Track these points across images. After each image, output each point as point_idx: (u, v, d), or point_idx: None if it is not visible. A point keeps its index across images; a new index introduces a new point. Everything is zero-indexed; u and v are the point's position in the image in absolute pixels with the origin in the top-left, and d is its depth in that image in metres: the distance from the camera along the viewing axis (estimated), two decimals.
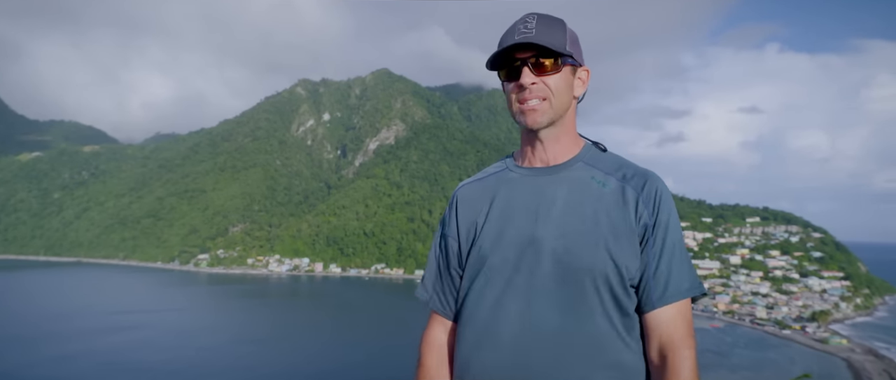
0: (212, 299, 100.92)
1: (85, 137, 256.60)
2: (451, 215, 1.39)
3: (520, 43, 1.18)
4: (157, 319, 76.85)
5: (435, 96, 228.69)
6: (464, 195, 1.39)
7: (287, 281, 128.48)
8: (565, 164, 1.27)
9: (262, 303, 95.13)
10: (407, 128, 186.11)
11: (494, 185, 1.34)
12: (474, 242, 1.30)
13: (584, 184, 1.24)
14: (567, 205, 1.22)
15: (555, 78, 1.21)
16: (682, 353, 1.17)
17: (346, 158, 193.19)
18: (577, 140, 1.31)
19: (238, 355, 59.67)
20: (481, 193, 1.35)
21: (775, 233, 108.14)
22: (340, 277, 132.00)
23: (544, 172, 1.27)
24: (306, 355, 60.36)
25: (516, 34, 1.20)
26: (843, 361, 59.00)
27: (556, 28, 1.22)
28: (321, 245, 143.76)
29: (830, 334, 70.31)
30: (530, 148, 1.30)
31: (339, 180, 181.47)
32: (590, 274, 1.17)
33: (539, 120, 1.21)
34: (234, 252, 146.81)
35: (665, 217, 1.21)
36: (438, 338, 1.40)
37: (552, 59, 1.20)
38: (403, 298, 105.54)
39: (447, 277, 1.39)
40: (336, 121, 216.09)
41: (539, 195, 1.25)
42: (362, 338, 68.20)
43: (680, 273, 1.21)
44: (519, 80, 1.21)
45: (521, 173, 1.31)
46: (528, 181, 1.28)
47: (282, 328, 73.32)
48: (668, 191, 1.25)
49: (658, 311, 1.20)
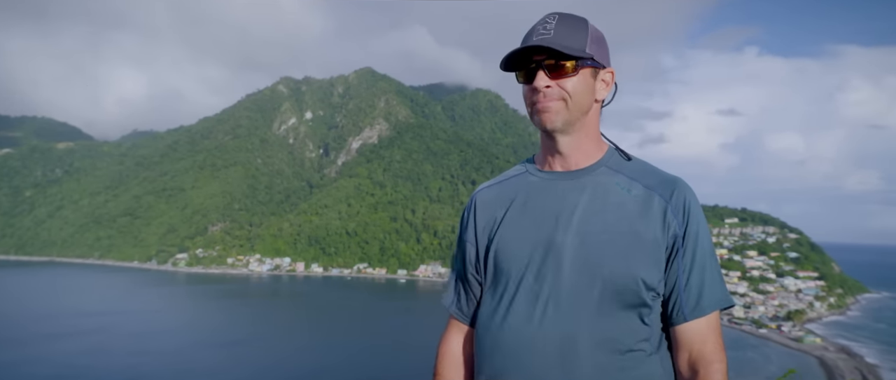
0: (189, 300, 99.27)
1: (58, 133, 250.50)
2: (470, 219, 1.36)
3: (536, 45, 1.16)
4: (126, 320, 74.44)
5: (418, 96, 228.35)
6: (483, 199, 1.36)
7: (268, 281, 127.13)
8: (588, 168, 1.24)
9: (242, 303, 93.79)
10: (390, 127, 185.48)
11: (514, 188, 1.31)
12: (492, 247, 1.27)
13: (607, 190, 1.21)
14: (588, 211, 1.19)
15: (572, 81, 1.17)
16: (713, 366, 1.15)
17: (329, 157, 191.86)
18: (601, 144, 1.28)
19: (214, 357, 58.34)
20: (500, 196, 1.32)
21: (753, 234, 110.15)
22: (322, 277, 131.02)
23: (566, 177, 1.25)
24: (286, 356, 59.44)
25: (534, 35, 1.17)
26: (816, 359, 60.31)
27: (577, 28, 1.19)
28: (303, 245, 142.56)
29: (805, 333, 71.83)
30: (550, 152, 1.27)
31: (322, 179, 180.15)
32: (611, 283, 1.14)
33: (553, 120, 1.18)
34: (214, 252, 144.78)
35: (695, 228, 1.18)
36: (455, 344, 1.38)
37: (569, 61, 1.16)
38: (386, 297, 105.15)
39: (466, 282, 1.36)
40: (318, 119, 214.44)
41: (560, 200, 1.22)
42: (344, 339, 67.62)
43: (712, 286, 1.18)
44: (534, 83, 1.18)
45: (541, 177, 1.28)
46: (549, 186, 1.26)
47: (261, 329, 72.23)
48: (697, 199, 1.21)
49: (689, 324, 1.17)
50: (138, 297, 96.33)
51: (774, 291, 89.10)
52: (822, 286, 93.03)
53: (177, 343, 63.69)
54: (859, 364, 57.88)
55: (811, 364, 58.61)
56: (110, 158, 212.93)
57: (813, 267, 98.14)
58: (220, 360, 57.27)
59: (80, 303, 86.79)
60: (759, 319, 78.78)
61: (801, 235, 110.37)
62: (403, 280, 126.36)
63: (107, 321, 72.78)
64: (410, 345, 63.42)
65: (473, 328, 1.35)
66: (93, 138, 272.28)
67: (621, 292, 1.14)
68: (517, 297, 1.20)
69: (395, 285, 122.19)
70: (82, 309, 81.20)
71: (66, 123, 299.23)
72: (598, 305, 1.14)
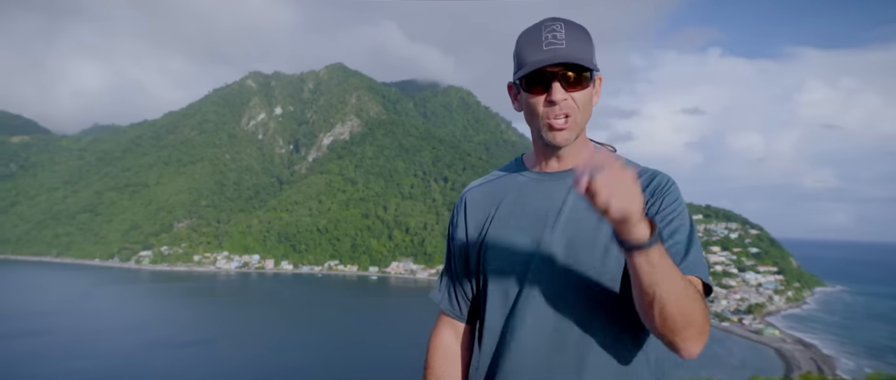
0: (151, 298, 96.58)
1: (11, 126, 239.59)
2: (460, 218, 1.38)
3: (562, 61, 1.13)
4: (79, 320, 71.20)
5: (390, 92, 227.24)
6: (472, 197, 1.38)
7: (236, 278, 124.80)
8: (575, 168, 1.25)
9: (208, 301, 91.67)
10: (362, 123, 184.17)
11: (504, 187, 1.34)
12: (482, 246, 1.29)
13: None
14: (576, 209, 1.21)
15: (582, 93, 1.18)
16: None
17: (299, 153, 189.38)
18: (588, 144, 1.31)
19: (172, 357, 56.42)
20: (490, 195, 1.35)
21: (716, 230, 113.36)
22: (292, 274, 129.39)
23: (555, 178, 1.27)
24: (251, 355, 58.04)
25: (545, 44, 1.15)
26: (774, 350, 62.65)
27: (585, 39, 1.17)
28: (272, 241, 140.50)
29: (765, 326, 74.46)
30: (545, 156, 1.28)
31: (292, 176, 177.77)
32: (601, 279, 1.17)
33: (568, 138, 1.19)
34: (180, 249, 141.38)
35: (670, 203, 1.20)
36: (446, 340, 1.39)
37: (585, 73, 1.16)
38: (357, 295, 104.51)
39: (456, 280, 1.38)
40: (288, 115, 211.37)
41: (548, 199, 1.24)
42: (313, 337, 66.76)
43: (696, 253, 1.16)
44: (550, 95, 1.16)
45: (531, 177, 1.30)
46: (539, 186, 1.28)
47: (226, 327, 70.51)
48: (675, 185, 1.24)
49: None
50: (96, 295, 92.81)
51: (736, 285, 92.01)
52: (780, 280, 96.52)
53: (132, 343, 61.06)
54: (814, 355, 60.39)
55: (770, 356, 60.88)
56: (69, 152, 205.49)
57: (772, 262, 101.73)
58: (179, 360, 55.32)
59: (31, 302, 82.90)
60: (722, 313, 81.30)
61: (762, 231, 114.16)
62: (375, 277, 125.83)
63: (57, 322, 69.32)
64: (382, 343, 63.33)
65: (465, 324, 1.39)
66: (50, 132, 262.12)
67: (610, 288, 1.17)
68: (511, 296, 1.23)
69: (367, 282, 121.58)
70: (32, 309, 77.41)
71: (21, 116, 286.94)
72: (590, 301, 1.17)
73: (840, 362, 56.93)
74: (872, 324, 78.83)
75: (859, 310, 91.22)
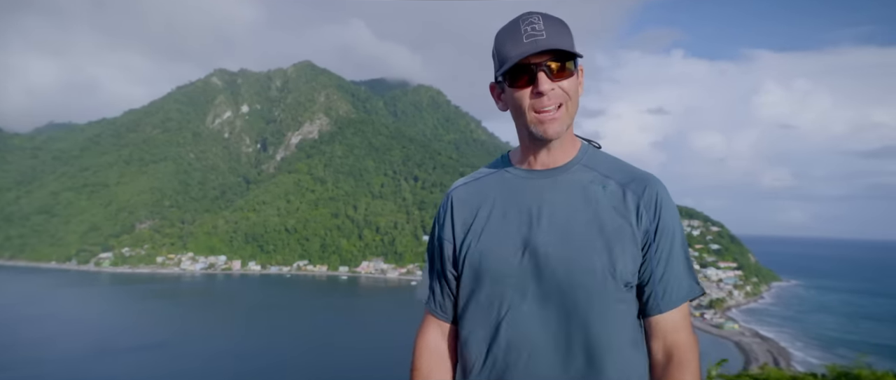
0: (108, 301, 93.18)
1: None
2: (447, 217, 1.34)
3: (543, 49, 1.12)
4: (26, 326, 67.86)
5: (360, 91, 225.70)
6: (459, 197, 1.34)
7: (201, 280, 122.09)
8: (564, 166, 1.25)
9: (170, 303, 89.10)
10: (331, 122, 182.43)
11: (491, 186, 1.31)
12: (471, 246, 1.27)
13: (583, 187, 1.22)
14: (566, 208, 1.20)
15: (569, 81, 1.17)
16: (688, 354, 1.19)
17: (267, 153, 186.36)
18: (575, 141, 1.29)
19: (126, 362, 54.49)
20: (477, 194, 1.32)
21: None
22: (260, 275, 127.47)
23: (543, 175, 1.25)
24: (216, 359, 56.75)
25: (524, 36, 1.14)
26: (734, 343, 65.09)
27: (564, 29, 1.17)
28: (239, 242, 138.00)
29: (725, 320, 77.22)
30: (533, 152, 1.26)
31: (259, 175, 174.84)
32: (591, 280, 1.16)
33: (559, 130, 1.18)
34: (142, 250, 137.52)
35: (666, 222, 1.20)
36: (433, 340, 1.36)
37: (570, 61, 1.16)
38: (327, 295, 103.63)
39: (443, 280, 1.35)
40: (256, 113, 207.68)
41: (537, 198, 1.22)
42: (281, 338, 65.83)
43: (683, 277, 1.22)
44: (537, 87, 1.14)
45: (518, 175, 1.28)
46: (526, 184, 1.25)
47: (188, 330, 68.78)
48: (669, 194, 1.24)
49: (664, 315, 1.21)
50: (48, 299, 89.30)
51: None
52: (740, 276, 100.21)
53: (87, 348, 58.81)
54: (771, 347, 63.03)
55: (730, 348, 63.20)
56: (22, 151, 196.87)
57: (732, 258, 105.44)
58: (139, 365, 53.59)
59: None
60: None
61: (723, 228, 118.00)
62: (345, 277, 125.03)
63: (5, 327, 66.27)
64: (353, 343, 63.06)
65: (451, 325, 1.36)
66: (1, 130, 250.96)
67: (600, 288, 1.16)
68: (500, 297, 1.21)
69: (337, 282, 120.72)
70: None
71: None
72: (580, 302, 1.16)
73: (794, 355, 59.54)
74: (823, 317, 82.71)
75: (812, 304, 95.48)
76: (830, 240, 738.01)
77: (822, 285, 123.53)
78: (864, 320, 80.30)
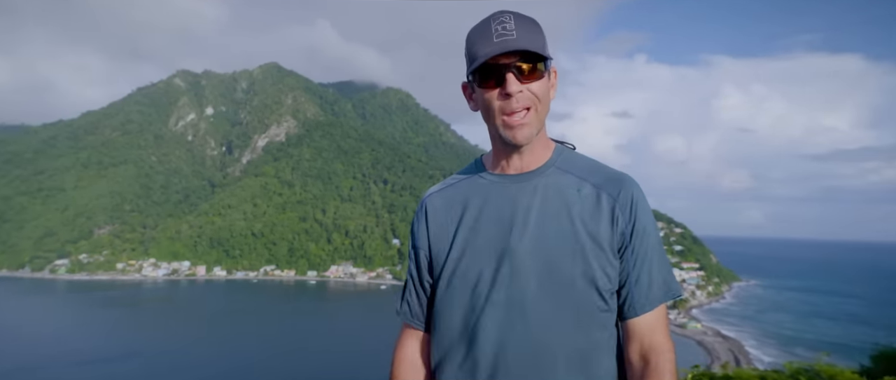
0: (62, 309, 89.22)
1: None
2: (421, 226, 1.31)
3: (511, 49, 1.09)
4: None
5: (328, 93, 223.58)
6: (433, 205, 1.31)
7: (164, 286, 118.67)
8: (538, 170, 1.22)
9: (131, 311, 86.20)
10: (299, 125, 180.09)
11: (465, 193, 1.27)
12: (448, 254, 1.24)
13: (558, 191, 1.20)
14: (542, 214, 1.18)
15: (539, 84, 1.14)
16: (664, 355, 1.17)
17: (233, 156, 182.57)
18: (548, 143, 1.26)
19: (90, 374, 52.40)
20: (452, 201, 1.28)
21: None
22: (226, 281, 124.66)
23: (517, 180, 1.21)
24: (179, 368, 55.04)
25: (495, 36, 1.11)
26: (697, 343, 66.92)
27: (536, 29, 1.14)
28: (204, 247, 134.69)
29: (688, 320, 79.25)
30: (505, 156, 1.23)
31: (225, 179, 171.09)
32: (570, 285, 1.14)
33: (528, 135, 1.15)
34: (101, 256, 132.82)
35: (642, 223, 1.19)
36: (411, 351, 1.33)
37: (541, 62, 1.13)
38: (295, 300, 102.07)
39: (420, 290, 1.32)
40: (220, 115, 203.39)
41: (513, 204, 1.19)
42: (248, 345, 64.48)
43: (659, 279, 1.21)
44: (505, 88, 1.11)
45: (492, 180, 1.24)
46: (501, 189, 1.22)
47: (152, 339, 66.57)
48: (643, 195, 1.22)
49: (640, 317, 1.20)
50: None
51: None
52: (702, 276, 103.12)
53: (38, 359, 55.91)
54: (732, 346, 65.05)
55: (693, 347, 64.95)
56: None
57: (695, 259, 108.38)
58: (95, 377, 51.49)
59: None
60: None
61: (685, 230, 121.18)
62: (313, 281, 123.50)
63: None
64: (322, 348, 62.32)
65: (429, 334, 1.33)
66: None
67: (579, 294, 1.14)
68: (476, 305, 1.18)
69: (305, 286, 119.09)
70: None
71: None
72: (558, 308, 1.14)
73: (753, 354, 61.59)
74: (780, 316, 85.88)
75: (769, 303, 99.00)
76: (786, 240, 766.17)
77: (779, 284, 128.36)
78: (817, 318, 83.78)
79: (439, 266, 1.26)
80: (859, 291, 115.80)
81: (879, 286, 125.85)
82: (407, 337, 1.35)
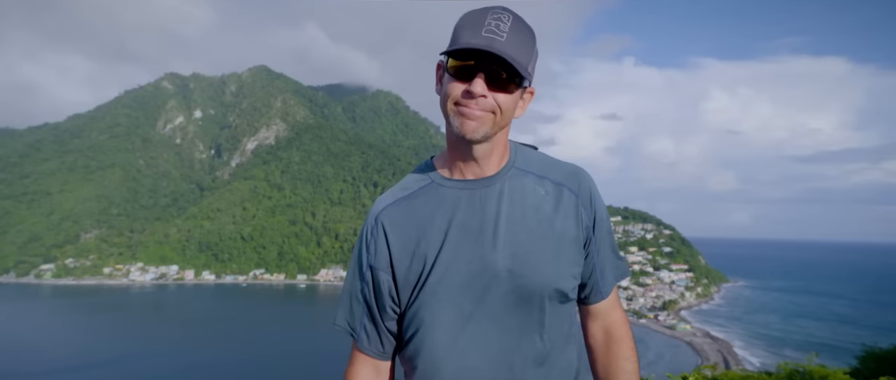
0: (50, 315, 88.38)
1: None
2: (380, 244, 1.16)
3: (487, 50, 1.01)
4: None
5: (318, 96, 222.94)
6: (391, 219, 1.16)
7: (151, 291, 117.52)
8: (499, 173, 1.16)
9: (117, 317, 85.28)
10: (288, 127, 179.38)
11: (426, 203, 1.16)
12: (422, 274, 1.12)
13: (522, 193, 1.16)
14: (511, 220, 1.13)
15: (507, 97, 1.07)
16: (624, 326, 1.25)
17: (222, 159, 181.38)
18: (505, 146, 1.19)
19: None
20: (413, 214, 1.16)
21: (634, 230, 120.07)
22: (214, 285, 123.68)
23: (479, 185, 1.15)
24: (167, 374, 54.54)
25: (484, 29, 1.03)
26: (687, 344, 67.42)
27: (528, 42, 1.07)
28: (192, 251, 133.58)
29: (678, 321, 79.87)
30: (462, 158, 1.14)
31: (214, 182, 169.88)
32: (546, 290, 1.12)
33: (476, 131, 1.07)
34: (87, 261, 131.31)
35: (600, 214, 1.21)
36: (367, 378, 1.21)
37: (516, 78, 1.06)
38: (285, 304, 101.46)
39: (377, 315, 1.18)
40: (209, 118, 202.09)
41: (481, 212, 1.13)
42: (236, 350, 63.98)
43: (614, 262, 1.25)
44: (469, 86, 1.04)
45: (453, 187, 1.15)
46: (465, 197, 1.14)
47: (138, 345, 65.92)
48: (596, 184, 1.23)
49: (602, 301, 1.24)
50: None
51: (652, 283, 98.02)
52: (691, 277, 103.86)
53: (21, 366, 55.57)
54: (721, 347, 65.59)
55: (683, 348, 65.46)
56: None
57: (684, 260, 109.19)
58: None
59: None
60: (639, 310, 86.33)
61: (674, 231, 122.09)
62: (303, 285, 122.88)
63: None
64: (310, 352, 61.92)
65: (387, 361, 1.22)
66: None
67: (555, 295, 1.13)
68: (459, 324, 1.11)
69: (295, 290, 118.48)
70: None
71: None
72: (533, 316, 1.13)
73: (742, 354, 62.17)
74: (768, 317, 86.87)
75: (757, 304, 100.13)
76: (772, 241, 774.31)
77: (766, 285, 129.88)
78: (804, 318, 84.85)
79: (409, 287, 1.14)
80: (844, 291, 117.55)
81: (863, 287, 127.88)
82: (361, 365, 1.21)
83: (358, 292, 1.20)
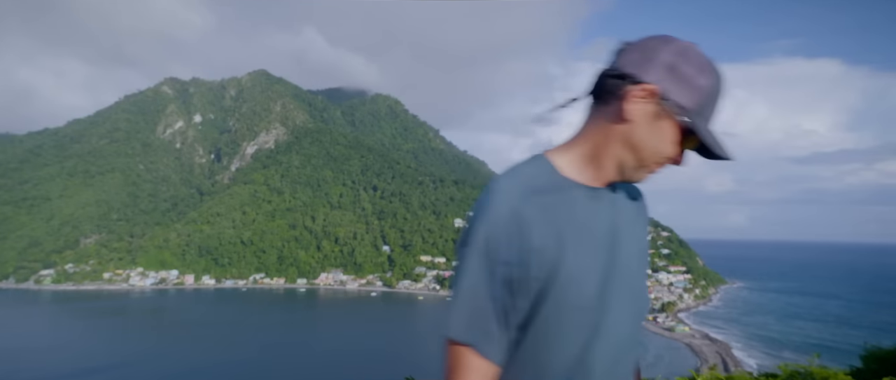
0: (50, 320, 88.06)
1: None
2: (521, 239, 1.00)
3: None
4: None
5: (317, 100, 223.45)
6: (530, 216, 1.01)
7: (151, 296, 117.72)
8: (616, 183, 1.12)
9: (118, 322, 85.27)
10: (288, 132, 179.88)
11: (562, 206, 1.05)
12: (554, 274, 1.01)
13: (635, 207, 1.16)
14: (631, 235, 1.12)
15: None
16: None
17: (221, 163, 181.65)
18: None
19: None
20: (551, 215, 1.04)
21: None
22: (215, 290, 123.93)
23: (605, 194, 1.09)
24: None
25: (717, 111, 1.07)
26: (686, 346, 68.22)
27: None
28: (192, 256, 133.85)
29: (676, 323, 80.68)
30: (594, 166, 1.07)
31: (213, 186, 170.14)
32: (647, 306, 1.15)
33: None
34: (87, 266, 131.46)
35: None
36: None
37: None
38: (285, 308, 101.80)
39: (506, 315, 1.02)
40: (209, 123, 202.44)
41: (606, 220, 1.08)
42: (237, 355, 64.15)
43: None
44: (679, 157, 1.07)
45: (584, 192, 1.07)
46: (594, 203, 1.08)
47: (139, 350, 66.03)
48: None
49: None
50: None
51: (650, 285, 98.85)
52: (689, 279, 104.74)
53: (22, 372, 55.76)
54: (720, 349, 66.37)
55: (682, 350, 66.24)
56: None
57: (681, 262, 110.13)
58: None
59: None
60: None
61: (672, 233, 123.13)
62: (303, 289, 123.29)
63: None
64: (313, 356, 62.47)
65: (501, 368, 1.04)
66: None
67: (646, 312, 1.16)
68: (591, 335, 1.03)
69: (295, 294, 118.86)
70: None
71: None
72: (640, 331, 1.14)
73: (740, 356, 62.97)
74: (765, 318, 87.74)
75: (754, 305, 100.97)
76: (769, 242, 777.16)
77: (763, 286, 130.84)
78: (801, 319, 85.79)
79: (544, 290, 1.01)
80: (839, 292, 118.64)
81: (858, 287, 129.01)
82: (475, 372, 1.02)
83: (481, 289, 1.02)
